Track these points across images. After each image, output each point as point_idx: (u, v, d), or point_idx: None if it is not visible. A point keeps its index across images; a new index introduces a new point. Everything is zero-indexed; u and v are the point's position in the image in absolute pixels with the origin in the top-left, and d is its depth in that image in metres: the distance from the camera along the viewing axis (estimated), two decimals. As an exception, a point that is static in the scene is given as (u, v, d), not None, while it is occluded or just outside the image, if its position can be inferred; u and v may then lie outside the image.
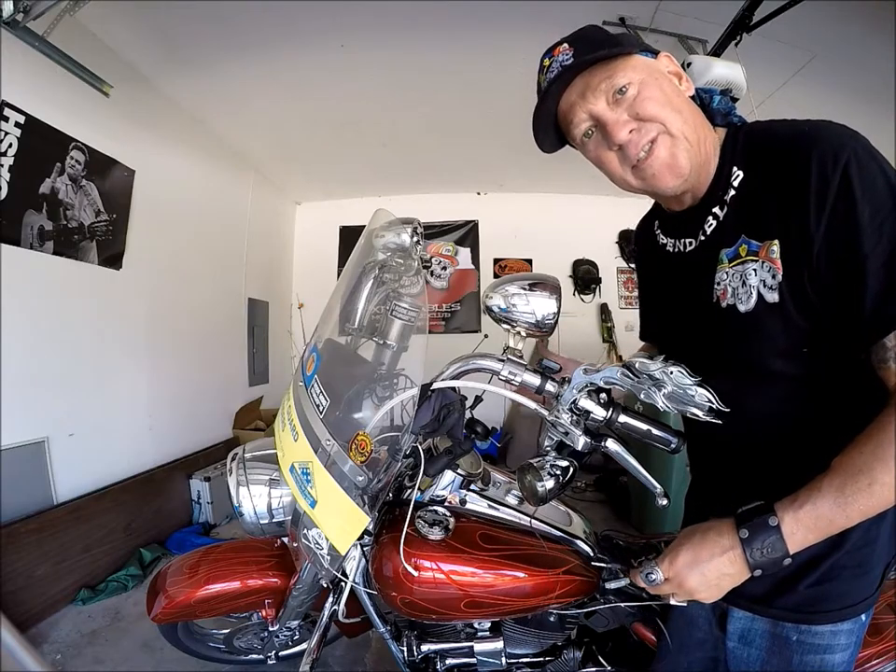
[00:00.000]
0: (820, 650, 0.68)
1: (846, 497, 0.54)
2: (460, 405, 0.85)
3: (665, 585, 0.67)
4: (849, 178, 0.53)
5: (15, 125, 2.00)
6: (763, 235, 0.61)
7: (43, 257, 2.19)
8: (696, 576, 0.63)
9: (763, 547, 0.58)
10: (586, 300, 4.92)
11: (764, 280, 0.60)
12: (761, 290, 0.61)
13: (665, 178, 0.65)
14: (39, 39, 1.94)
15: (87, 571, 2.23)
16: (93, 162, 2.42)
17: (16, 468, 2.01)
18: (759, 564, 0.59)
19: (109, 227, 2.56)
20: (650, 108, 0.63)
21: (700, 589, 0.64)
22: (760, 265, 0.61)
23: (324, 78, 2.85)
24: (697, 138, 0.65)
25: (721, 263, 0.66)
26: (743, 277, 0.63)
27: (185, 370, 3.21)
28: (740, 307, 0.63)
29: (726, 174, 0.66)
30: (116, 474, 2.56)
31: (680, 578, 0.64)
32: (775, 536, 0.58)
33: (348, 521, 0.77)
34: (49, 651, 1.84)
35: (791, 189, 0.57)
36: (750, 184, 0.64)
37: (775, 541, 0.58)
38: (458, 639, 1.10)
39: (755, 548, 0.59)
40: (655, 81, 0.65)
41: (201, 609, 1.20)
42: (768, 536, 0.58)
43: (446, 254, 4.97)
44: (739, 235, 0.64)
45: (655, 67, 0.67)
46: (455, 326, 4.89)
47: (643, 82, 0.64)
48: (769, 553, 0.58)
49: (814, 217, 0.55)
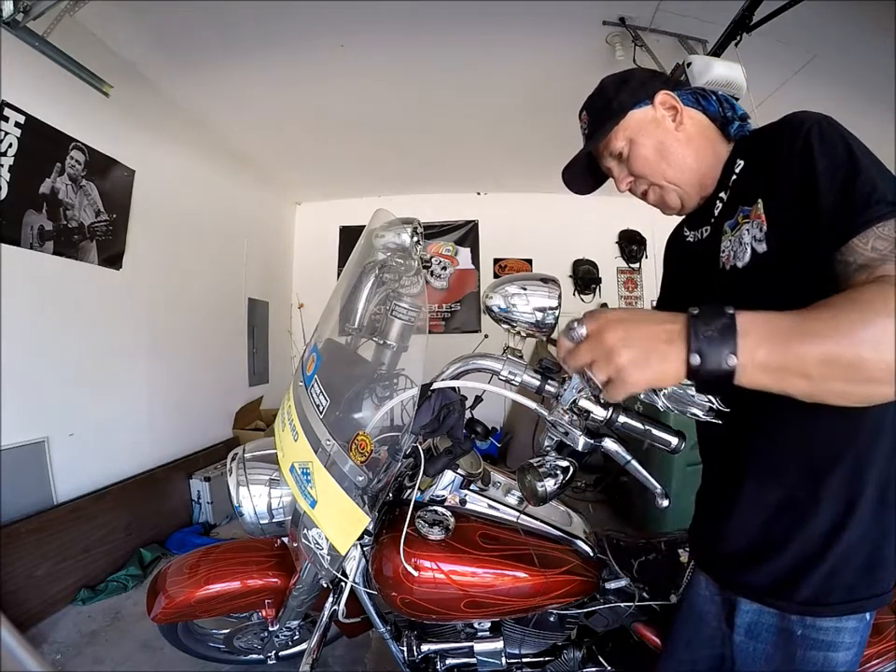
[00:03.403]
0: (824, 646, 0.68)
1: (806, 324, 0.47)
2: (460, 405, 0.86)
3: (585, 345, 0.52)
4: (810, 140, 0.62)
5: (15, 125, 2.00)
6: (751, 200, 0.70)
7: (43, 257, 2.19)
8: (621, 333, 0.50)
9: (710, 326, 0.47)
10: (586, 300, 4.92)
11: (755, 235, 0.68)
12: (753, 245, 0.68)
13: (661, 210, 0.86)
14: (39, 39, 1.93)
15: (87, 571, 2.23)
16: (93, 162, 2.42)
17: (16, 468, 2.01)
18: (700, 347, 0.47)
19: (109, 227, 2.56)
20: (638, 167, 0.81)
21: (621, 352, 0.49)
22: (751, 224, 0.69)
23: (324, 78, 2.85)
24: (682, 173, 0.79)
25: (724, 234, 0.74)
26: (740, 238, 0.71)
27: (185, 370, 3.21)
28: (738, 264, 0.70)
29: (731, 167, 0.77)
30: (116, 474, 2.56)
31: (603, 333, 0.50)
32: (726, 320, 0.48)
33: (348, 521, 0.77)
34: (48, 651, 1.84)
35: (769, 156, 0.68)
36: (747, 167, 0.75)
37: (725, 326, 0.47)
38: (458, 639, 1.10)
39: (701, 322, 0.48)
40: (644, 137, 0.79)
41: (201, 609, 1.20)
42: (720, 318, 0.48)
43: (446, 254, 4.97)
44: (738, 207, 0.72)
45: (646, 119, 0.80)
46: (454, 326, 4.89)
47: (633, 142, 0.80)
48: (716, 332, 0.47)
49: (783, 173, 0.64)
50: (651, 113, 0.80)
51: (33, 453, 2.13)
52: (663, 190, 0.81)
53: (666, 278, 1.02)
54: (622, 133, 0.80)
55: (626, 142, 0.80)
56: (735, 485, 0.75)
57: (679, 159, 0.79)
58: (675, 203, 0.82)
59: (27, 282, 2.11)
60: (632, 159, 0.80)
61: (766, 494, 0.71)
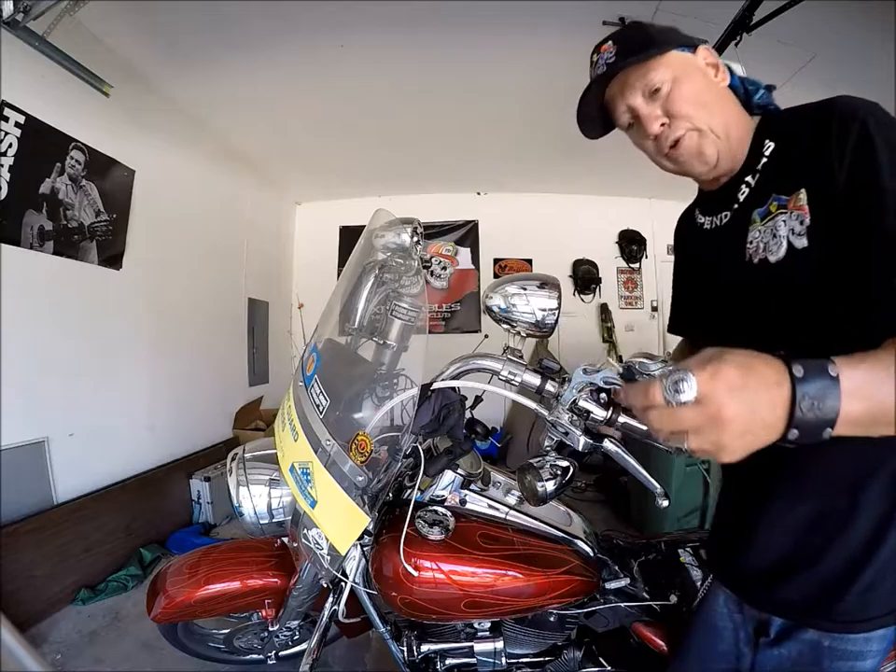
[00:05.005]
0: (852, 656, 0.65)
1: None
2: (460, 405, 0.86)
3: (692, 411, 0.44)
4: (867, 127, 0.57)
5: (15, 125, 2.00)
6: (791, 188, 0.63)
7: (43, 257, 2.19)
8: (741, 407, 0.43)
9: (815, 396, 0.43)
10: (586, 300, 4.92)
11: (793, 228, 0.62)
12: (790, 238, 0.62)
13: (693, 165, 0.73)
14: (39, 39, 1.94)
15: (87, 571, 2.23)
16: (93, 162, 2.42)
17: (16, 468, 2.01)
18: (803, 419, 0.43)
19: (109, 227, 2.56)
20: (679, 106, 0.69)
21: (737, 430, 0.43)
22: (789, 215, 0.63)
23: (324, 78, 2.85)
24: (726, 128, 0.70)
25: (753, 223, 0.69)
26: (773, 230, 0.65)
27: (185, 370, 3.21)
28: (771, 258, 0.65)
29: (758, 147, 0.71)
30: (116, 474, 2.56)
31: (720, 402, 0.43)
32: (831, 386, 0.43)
33: (348, 521, 0.77)
34: (48, 651, 1.84)
35: (814, 143, 0.61)
36: (781, 151, 0.68)
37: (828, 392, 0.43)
38: (458, 639, 1.10)
39: (807, 394, 0.43)
40: (688, 78, 0.70)
41: (201, 609, 1.20)
42: (825, 384, 0.43)
43: (446, 254, 4.97)
44: (770, 195, 0.66)
45: (690, 63, 0.72)
46: (455, 326, 4.89)
47: (675, 80, 0.70)
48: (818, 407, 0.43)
49: (836, 163, 0.58)
50: (693, 60, 0.73)
51: (33, 453, 2.13)
52: (703, 137, 0.70)
53: (679, 268, 0.96)
54: (662, 68, 0.70)
55: (668, 78, 0.70)
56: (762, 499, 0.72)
57: (722, 111, 0.71)
58: (711, 157, 0.71)
59: (27, 282, 2.11)
60: (674, 96, 0.70)
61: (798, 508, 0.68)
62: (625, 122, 0.76)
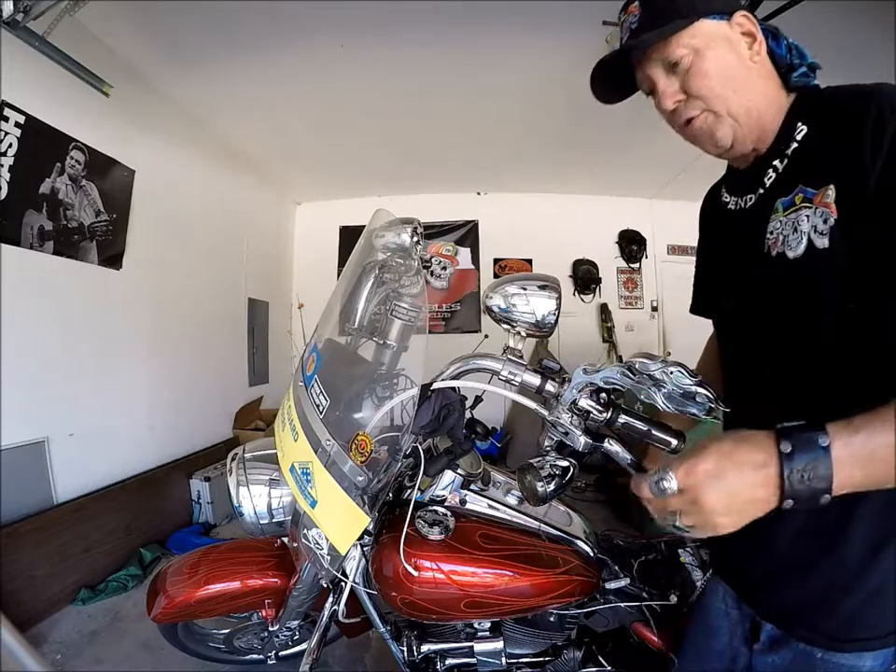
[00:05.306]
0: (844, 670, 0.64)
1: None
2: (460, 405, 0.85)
3: (676, 499, 0.52)
4: None
5: (15, 125, 2.00)
6: (819, 182, 0.60)
7: (43, 257, 2.19)
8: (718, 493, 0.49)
9: (804, 469, 0.46)
10: (586, 300, 4.92)
11: (816, 226, 0.59)
12: (811, 236, 0.60)
13: (704, 146, 0.71)
14: (39, 39, 1.94)
15: (87, 571, 2.23)
16: (93, 162, 2.42)
17: (16, 468, 2.01)
18: (795, 492, 0.47)
19: (109, 227, 2.56)
20: (698, 85, 0.66)
21: (719, 511, 0.50)
22: (813, 211, 0.60)
23: (324, 78, 2.85)
24: (749, 109, 0.67)
25: (775, 212, 0.65)
26: (795, 224, 0.62)
27: (185, 370, 3.21)
28: (789, 254, 0.62)
29: (790, 129, 0.67)
30: (116, 474, 2.56)
31: (697, 491, 0.50)
32: (822, 458, 0.46)
33: (348, 521, 0.77)
34: (48, 651, 1.84)
35: (848, 135, 0.58)
36: (812, 137, 0.64)
37: (819, 465, 0.46)
38: (458, 639, 1.10)
39: (795, 468, 0.46)
40: (713, 52, 0.65)
41: (201, 609, 1.20)
42: (814, 456, 0.46)
43: (446, 254, 4.97)
44: (797, 185, 0.63)
45: (720, 34, 0.66)
46: (455, 326, 4.89)
47: (698, 54, 0.65)
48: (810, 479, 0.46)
49: (869, 158, 0.55)
50: (725, 29, 0.66)
51: (33, 453, 2.13)
52: (717, 120, 0.67)
53: (702, 246, 0.92)
54: (686, 39, 0.65)
55: (690, 51, 0.65)
56: None
57: (747, 92, 0.66)
58: (725, 140, 0.68)
59: (27, 282, 2.11)
60: (693, 73, 0.65)
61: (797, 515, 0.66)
62: (646, 90, 0.74)
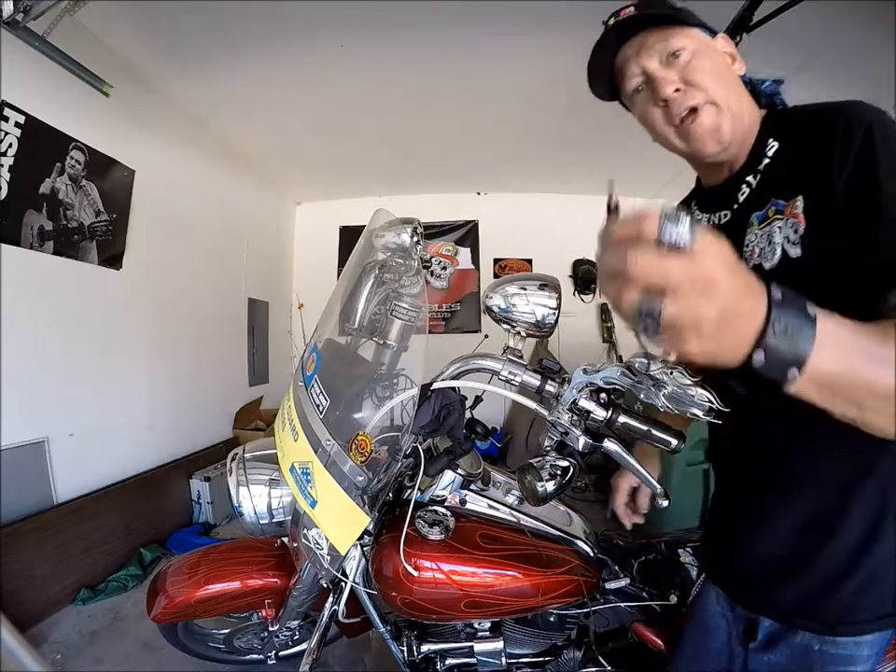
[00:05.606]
0: (843, 661, 0.66)
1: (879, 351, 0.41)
2: (460, 405, 0.85)
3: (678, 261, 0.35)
4: (872, 137, 0.55)
5: (15, 125, 2.00)
6: (789, 194, 0.63)
7: (43, 257, 2.19)
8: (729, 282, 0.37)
9: (788, 323, 0.39)
10: (586, 300, 4.92)
11: (788, 236, 0.62)
12: (784, 246, 0.62)
13: (706, 143, 0.69)
14: (39, 39, 1.94)
15: (87, 571, 2.23)
16: (93, 162, 2.42)
17: (16, 468, 2.01)
18: (771, 345, 0.39)
19: (109, 227, 2.56)
20: (698, 76, 0.67)
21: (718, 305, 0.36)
22: (784, 222, 0.62)
23: (324, 78, 2.85)
24: (741, 110, 0.69)
25: (751, 226, 0.68)
26: (769, 236, 0.64)
27: (185, 370, 3.21)
28: (765, 265, 0.64)
29: (762, 146, 0.69)
30: (116, 474, 2.56)
31: (711, 265, 0.36)
32: (806, 322, 0.40)
33: (348, 521, 0.77)
34: (48, 651, 1.84)
35: (817, 148, 0.60)
36: (783, 153, 0.67)
37: (803, 326, 0.39)
38: (458, 639, 1.10)
39: (782, 316, 0.39)
40: (708, 54, 0.69)
41: (201, 609, 1.20)
42: (799, 316, 0.40)
43: (446, 254, 4.97)
44: (769, 199, 0.66)
45: (711, 43, 0.71)
46: (455, 326, 4.88)
47: (697, 52, 0.68)
48: (791, 334, 0.39)
49: (836, 171, 0.57)
50: (713, 42, 0.71)
51: (33, 453, 2.13)
52: (720, 113, 0.67)
53: None
54: (684, 37, 0.68)
55: (690, 47, 0.67)
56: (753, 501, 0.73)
57: (737, 94, 0.70)
58: (726, 135, 0.68)
59: (27, 282, 2.11)
60: (694, 65, 0.67)
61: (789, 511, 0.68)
62: (634, 86, 0.72)
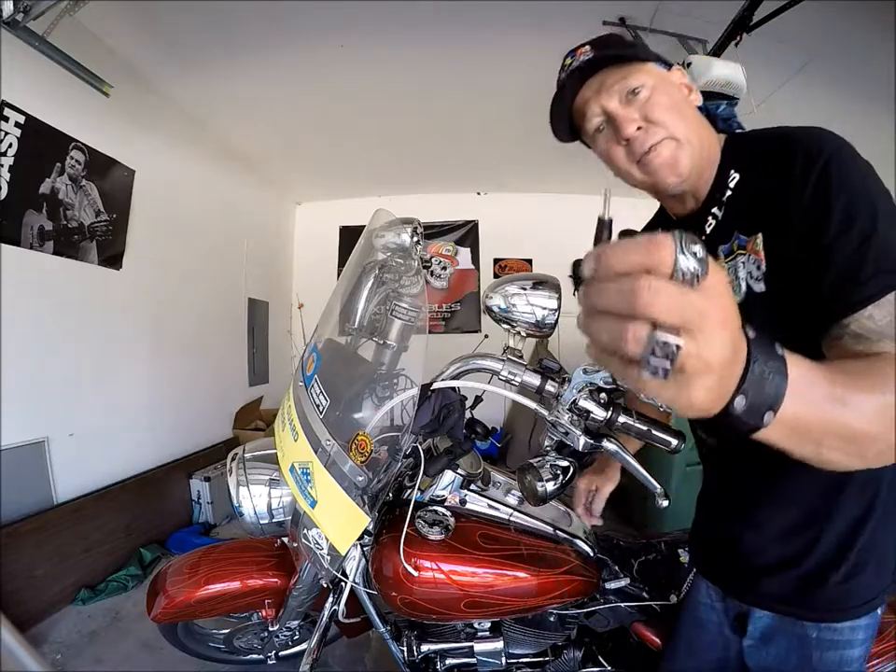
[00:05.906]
0: (840, 645, 0.68)
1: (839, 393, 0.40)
2: (460, 405, 0.85)
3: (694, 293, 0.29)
4: (828, 171, 0.56)
5: (15, 125, 2.00)
6: (750, 230, 0.65)
7: (43, 257, 2.19)
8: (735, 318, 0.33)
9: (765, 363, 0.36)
10: (586, 300, 4.92)
11: (751, 272, 0.64)
12: (749, 281, 0.64)
13: (665, 175, 0.69)
14: (39, 39, 1.94)
15: (87, 571, 2.23)
16: (93, 162, 2.42)
17: (16, 468, 2.01)
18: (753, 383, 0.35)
19: (109, 227, 2.56)
20: (658, 113, 0.67)
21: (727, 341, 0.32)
22: (747, 258, 0.64)
23: (324, 78, 2.85)
24: (700, 142, 0.70)
25: (717, 259, 0.69)
26: (735, 270, 0.66)
27: (185, 370, 3.21)
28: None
29: (724, 177, 0.70)
30: (116, 474, 2.56)
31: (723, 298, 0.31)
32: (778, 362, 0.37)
33: (348, 521, 0.77)
34: (48, 651, 1.84)
35: (776, 183, 0.61)
36: (744, 185, 0.68)
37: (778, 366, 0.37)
38: (458, 639, 1.10)
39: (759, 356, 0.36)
40: (666, 89, 0.69)
41: (201, 609, 1.20)
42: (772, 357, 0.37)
43: (446, 254, 4.97)
44: (733, 232, 0.67)
45: (668, 77, 0.72)
46: (455, 326, 4.88)
47: (655, 88, 0.68)
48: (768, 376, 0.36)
49: (795, 206, 0.58)
50: (669, 76, 0.72)
51: (33, 453, 2.13)
52: (679, 148, 0.67)
53: None
54: (642, 74, 0.68)
55: (649, 84, 0.68)
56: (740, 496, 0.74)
57: (696, 126, 0.70)
58: (685, 169, 0.68)
59: (27, 282, 2.11)
60: (653, 102, 0.67)
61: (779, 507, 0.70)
62: (595, 125, 0.72)
